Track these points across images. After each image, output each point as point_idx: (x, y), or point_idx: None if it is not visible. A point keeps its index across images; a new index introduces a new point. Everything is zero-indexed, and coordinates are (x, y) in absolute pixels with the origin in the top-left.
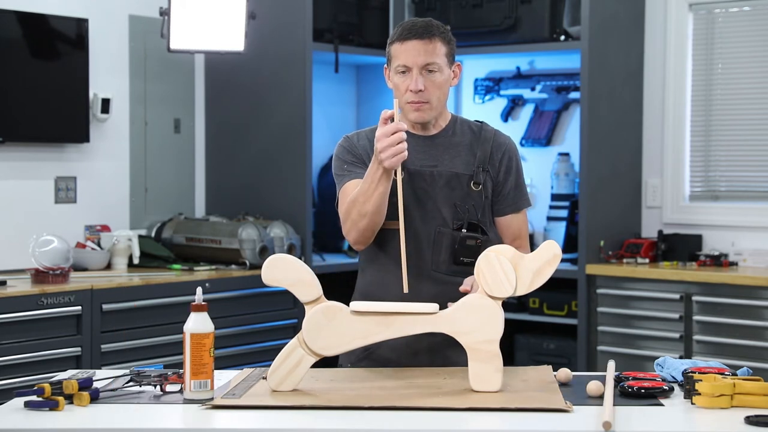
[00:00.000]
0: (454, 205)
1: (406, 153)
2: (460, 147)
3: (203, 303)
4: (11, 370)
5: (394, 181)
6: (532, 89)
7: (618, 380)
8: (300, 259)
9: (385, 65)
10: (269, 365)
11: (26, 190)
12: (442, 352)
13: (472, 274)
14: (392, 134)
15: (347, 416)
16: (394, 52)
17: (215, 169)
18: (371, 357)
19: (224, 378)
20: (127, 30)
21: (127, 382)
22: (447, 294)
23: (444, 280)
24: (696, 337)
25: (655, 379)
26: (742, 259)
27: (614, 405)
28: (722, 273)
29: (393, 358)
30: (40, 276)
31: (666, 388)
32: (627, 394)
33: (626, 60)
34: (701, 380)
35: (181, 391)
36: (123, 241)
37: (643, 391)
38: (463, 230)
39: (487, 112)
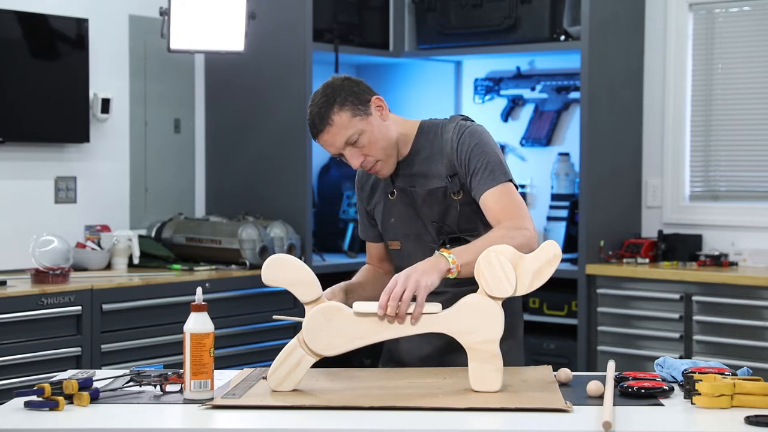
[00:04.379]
0: (432, 222)
1: None
2: (430, 160)
3: (203, 303)
4: (11, 370)
5: (392, 202)
6: (532, 89)
7: (618, 380)
8: (300, 259)
9: None
10: (269, 365)
11: (26, 190)
12: (449, 355)
13: (461, 285)
14: None
15: (347, 416)
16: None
17: (215, 169)
18: (393, 359)
19: (224, 378)
20: (127, 30)
21: (127, 382)
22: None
23: (436, 291)
24: (696, 337)
25: (655, 379)
26: (742, 259)
27: (614, 405)
28: (722, 273)
29: (407, 361)
30: (40, 276)
31: (666, 388)
32: (627, 394)
33: (626, 60)
34: (701, 380)
35: (181, 391)
36: (123, 241)
37: (643, 391)
38: (447, 246)
39: (487, 112)
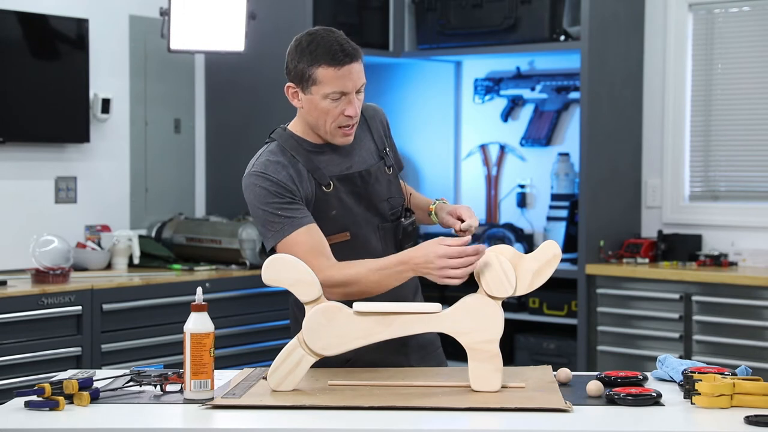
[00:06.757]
0: (386, 199)
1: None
2: (361, 137)
3: (203, 303)
4: (11, 370)
5: (329, 194)
6: (532, 89)
7: (603, 382)
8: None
9: (292, 85)
10: (269, 365)
11: (26, 190)
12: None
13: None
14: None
15: (347, 416)
16: (326, 78)
17: (215, 169)
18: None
19: (224, 378)
20: (127, 30)
21: (127, 382)
22: (402, 285)
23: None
24: (696, 337)
25: (637, 378)
26: (741, 259)
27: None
28: (722, 273)
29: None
30: (40, 276)
31: (654, 394)
32: (614, 402)
33: (626, 60)
34: (701, 380)
35: (181, 391)
36: (123, 241)
37: (630, 398)
38: (402, 219)
39: (487, 112)
